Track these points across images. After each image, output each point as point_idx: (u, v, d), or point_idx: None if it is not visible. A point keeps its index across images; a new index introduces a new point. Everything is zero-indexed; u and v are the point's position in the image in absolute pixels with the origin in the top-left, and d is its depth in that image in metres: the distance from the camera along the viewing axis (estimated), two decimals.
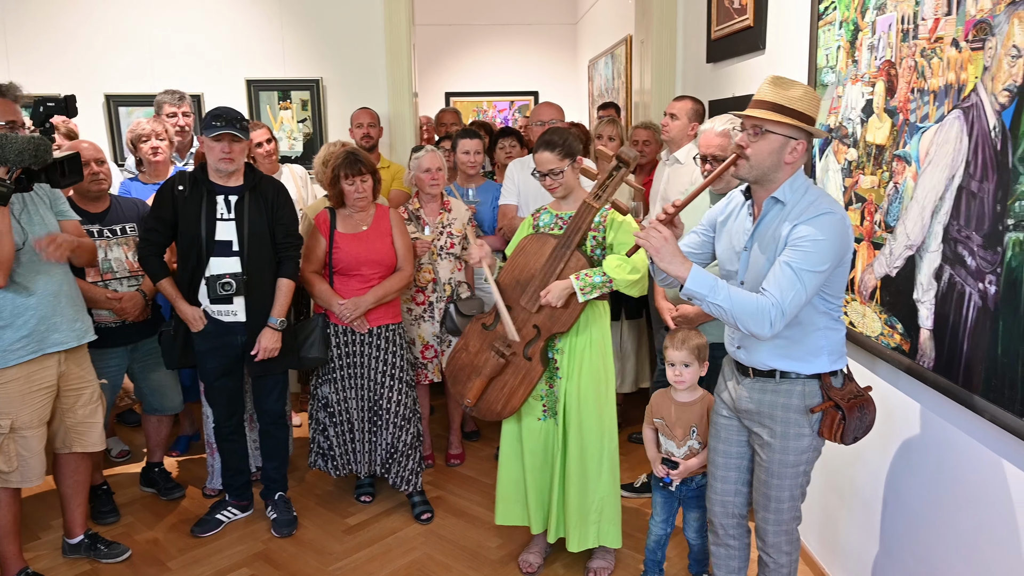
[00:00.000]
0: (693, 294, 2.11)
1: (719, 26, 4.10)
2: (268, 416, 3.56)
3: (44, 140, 2.74)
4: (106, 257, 3.48)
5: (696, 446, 2.78)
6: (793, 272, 2.05)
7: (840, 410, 2.21)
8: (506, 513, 3.19)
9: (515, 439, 3.13)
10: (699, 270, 2.11)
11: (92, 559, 3.31)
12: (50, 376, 2.96)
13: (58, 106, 2.90)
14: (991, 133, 1.91)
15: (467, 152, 4.30)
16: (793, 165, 2.16)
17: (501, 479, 3.18)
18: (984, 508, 2.08)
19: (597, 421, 2.98)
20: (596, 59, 8.44)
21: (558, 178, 2.95)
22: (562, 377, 2.99)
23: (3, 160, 2.65)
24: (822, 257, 2.05)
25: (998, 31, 1.86)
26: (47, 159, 2.74)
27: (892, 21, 2.37)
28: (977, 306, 2.01)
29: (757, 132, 2.13)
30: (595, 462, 3.00)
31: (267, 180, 3.41)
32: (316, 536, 3.52)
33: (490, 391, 3.03)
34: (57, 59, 4.99)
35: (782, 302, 2.05)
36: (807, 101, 2.10)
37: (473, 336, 3.09)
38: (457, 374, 3.12)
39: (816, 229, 2.06)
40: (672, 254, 2.12)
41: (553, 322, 2.91)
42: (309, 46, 5.22)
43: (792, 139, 2.12)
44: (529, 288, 2.93)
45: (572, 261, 2.87)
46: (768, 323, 2.06)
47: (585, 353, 2.97)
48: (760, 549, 2.47)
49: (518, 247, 3.02)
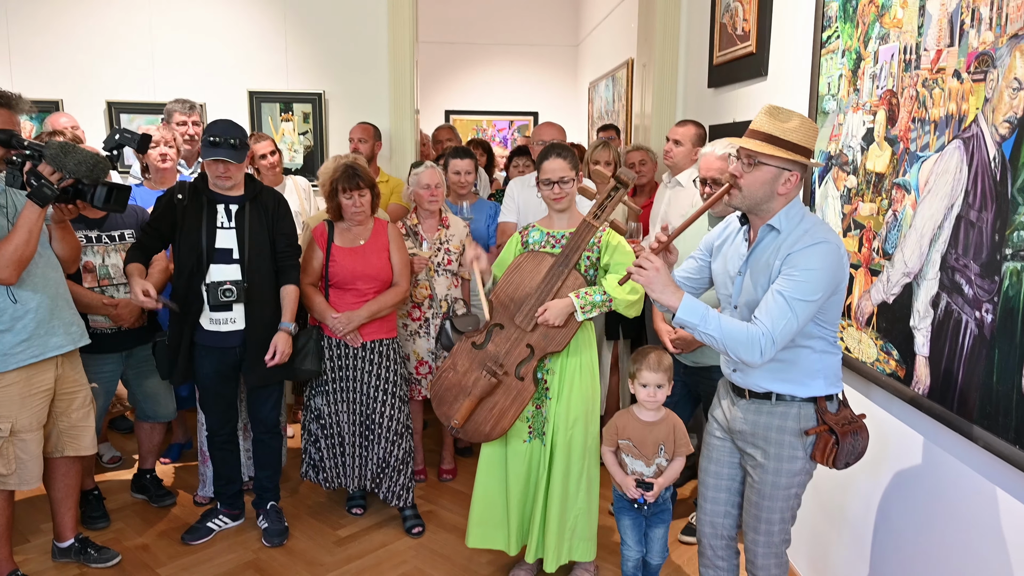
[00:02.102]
0: (684, 323, 2.14)
1: (721, 52, 4.14)
2: (262, 426, 3.55)
3: (104, 160, 2.84)
4: (103, 263, 3.49)
5: (664, 464, 2.80)
6: (785, 301, 2.07)
7: (834, 434, 2.22)
8: (482, 536, 3.16)
9: (498, 463, 3.11)
10: (690, 299, 2.13)
11: (82, 563, 3.30)
12: (48, 379, 2.97)
13: (132, 139, 2.98)
14: (991, 163, 1.94)
15: (458, 172, 4.28)
16: (787, 196, 2.18)
17: (477, 502, 3.14)
18: (975, 535, 2.09)
19: (583, 442, 2.98)
20: (597, 81, 8.50)
21: (567, 187, 2.96)
22: (552, 398, 2.98)
23: (61, 166, 2.74)
24: (815, 287, 2.07)
25: (1000, 63, 1.90)
26: (100, 179, 2.84)
27: (894, 51, 2.41)
28: (973, 334, 2.03)
29: (751, 163, 2.14)
30: (575, 481, 3.00)
31: (267, 191, 3.43)
32: (307, 547, 3.51)
33: (478, 412, 2.98)
34: (59, 64, 5.01)
35: (772, 331, 2.07)
36: (803, 132, 2.10)
37: (462, 355, 3.03)
38: (443, 395, 3.04)
39: (810, 259, 2.08)
40: (664, 285, 2.14)
41: (548, 342, 2.90)
42: (312, 60, 5.25)
43: (786, 170, 2.13)
44: (524, 306, 2.91)
45: (569, 280, 2.87)
46: (759, 352, 2.08)
47: (576, 375, 2.97)
48: (749, 571, 2.47)
49: (513, 264, 3.00)
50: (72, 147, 2.76)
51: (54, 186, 2.74)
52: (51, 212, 2.97)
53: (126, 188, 2.95)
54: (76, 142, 4.00)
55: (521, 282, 2.95)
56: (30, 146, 2.76)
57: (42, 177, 2.73)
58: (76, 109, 4.91)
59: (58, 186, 2.76)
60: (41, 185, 2.72)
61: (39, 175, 2.73)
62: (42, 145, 2.76)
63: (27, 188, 2.74)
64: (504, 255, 3.16)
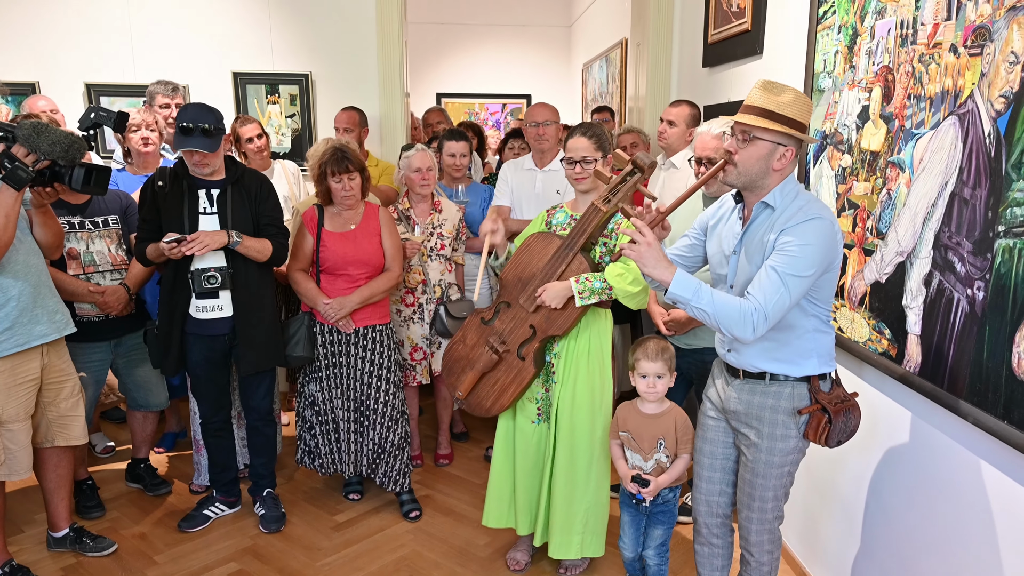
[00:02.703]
0: (677, 298, 2.12)
1: (716, 30, 4.11)
2: (255, 413, 3.54)
3: (79, 140, 2.78)
4: (87, 250, 3.43)
5: (664, 459, 2.71)
6: (779, 277, 2.06)
7: (827, 413, 2.22)
8: (497, 516, 3.17)
9: (508, 440, 3.11)
10: (683, 274, 2.11)
11: (77, 552, 3.29)
12: (34, 369, 2.94)
13: (108, 117, 2.91)
14: (986, 140, 1.92)
15: (452, 155, 4.24)
16: (782, 172, 2.16)
17: (493, 479, 3.16)
18: (963, 509, 2.11)
19: (589, 429, 2.94)
20: (590, 62, 8.45)
21: (589, 167, 2.88)
22: (557, 382, 2.96)
23: (34, 147, 2.68)
24: (808, 262, 2.06)
25: (997, 37, 1.88)
26: (76, 159, 2.78)
27: (891, 26, 2.39)
28: (965, 312, 2.03)
29: (746, 138, 2.12)
30: (584, 470, 2.97)
31: (250, 173, 3.38)
32: (304, 532, 3.51)
33: (481, 386, 3.00)
34: (35, 45, 4.91)
35: (765, 307, 2.05)
36: (798, 107, 2.09)
37: (471, 329, 3.06)
38: (452, 366, 3.10)
39: (804, 234, 2.06)
40: (656, 259, 2.12)
41: (549, 324, 2.87)
42: (298, 39, 5.16)
43: (781, 145, 2.12)
44: (529, 287, 2.89)
45: (574, 263, 2.82)
46: (751, 327, 2.07)
47: (582, 360, 2.93)
48: (743, 548, 2.49)
49: (523, 244, 2.97)
50: (45, 127, 2.70)
51: (29, 168, 2.69)
52: (30, 197, 2.92)
53: (106, 169, 2.89)
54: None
55: (529, 262, 2.93)
56: (2, 127, 2.70)
57: (16, 159, 2.67)
58: (54, 92, 4.81)
59: (33, 168, 2.71)
60: (15, 167, 2.67)
61: (13, 157, 2.67)
62: (14, 126, 2.71)
63: (1, 171, 2.68)
64: (527, 234, 3.07)
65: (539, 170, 4.06)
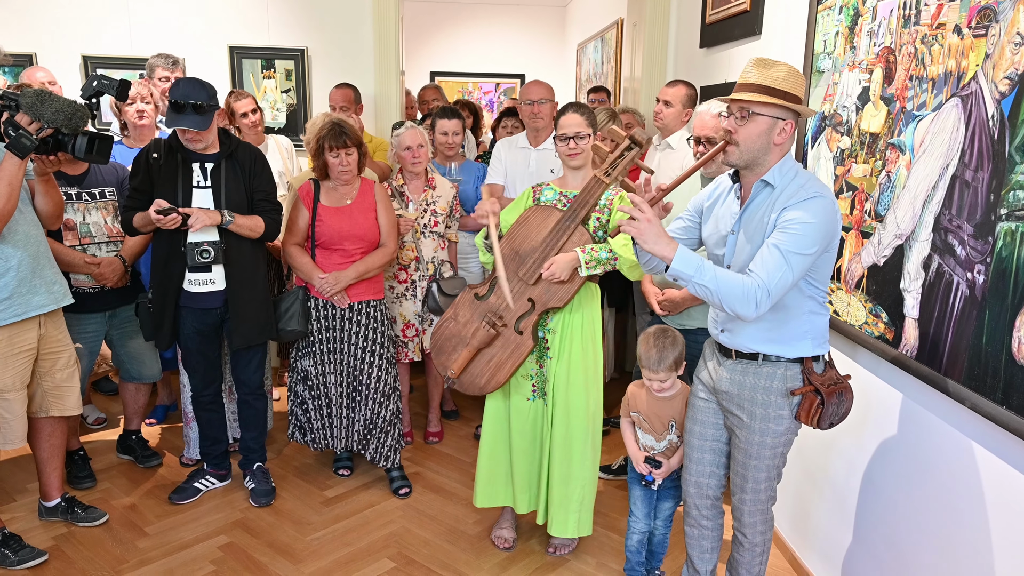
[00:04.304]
0: (679, 275, 2.09)
1: (714, 10, 4.09)
2: (246, 387, 3.53)
3: (83, 108, 2.77)
4: (84, 221, 3.43)
5: (676, 440, 2.74)
6: (781, 254, 2.05)
7: (819, 395, 2.22)
8: (491, 495, 3.15)
9: (502, 419, 3.09)
10: (685, 250, 2.09)
11: (69, 522, 3.29)
12: (31, 339, 2.93)
13: (111, 85, 2.89)
14: (989, 122, 1.91)
15: (446, 133, 4.20)
16: (782, 147, 2.16)
17: (483, 460, 3.13)
18: (957, 494, 2.12)
19: (584, 403, 2.95)
20: (585, 43, 8.40)
21: (583, 143, 2.92)
22: (552, 357, 2.96)
23: (38, 115, 2.67)
24: (811, 240, 2.05)
25: (1003, 17, 1.87)
26: (79, 127, 2.77)
27: (894, 6, 2.37)
28: (964, 295, 2.03)
29: (744, 115, 2.12)
30: (580, 445, 2.97)
31: (244, 147, 3.35)
32: (294, 507, 3.51)
33: (475, 364, 2.97)
34: (33, 16, 4.87)
35: (768, 283, 2.04)
36: (792, 80, 2.09)
37: (464, 306, 3.02)
38: (443, 344, 3.03)
39: (805, 212, 2.06)
40: (657, 235, 2.08)
41: (549, 296, 2.86)
42: (295, 14, 5.13)
43: (780, 120, 2.11)
44: (528, 260, 2.88)
45: (576, 236, 2.83)
46: (754, 304, 2.05)
47: (576, 334, 2.94)
48: (736, 529, 2.50)
49: (521, 218, 2.95)
50: (49, 95, 2.69)
51: (33, 136, 2.68)
52: (34, 166, 2.89)
53: (108, 138, 2.89)
54: None
55: (527, 235, 2.92)
56: (5, 95, 2.69)
57: (20, 127, 2.66)
58: (51, 63, 4.78)
59: (37, 136, 2.70)
60: (19, 135, 2.65)
61: (17, 125, 2.66)
62: (17, 94, 2.69)
63: (5, 139, 2.67)
64: (513, 210, 3.07)
65: (533, 148, 4.04)
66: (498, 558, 3.16)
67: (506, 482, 3.14)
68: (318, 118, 3.48)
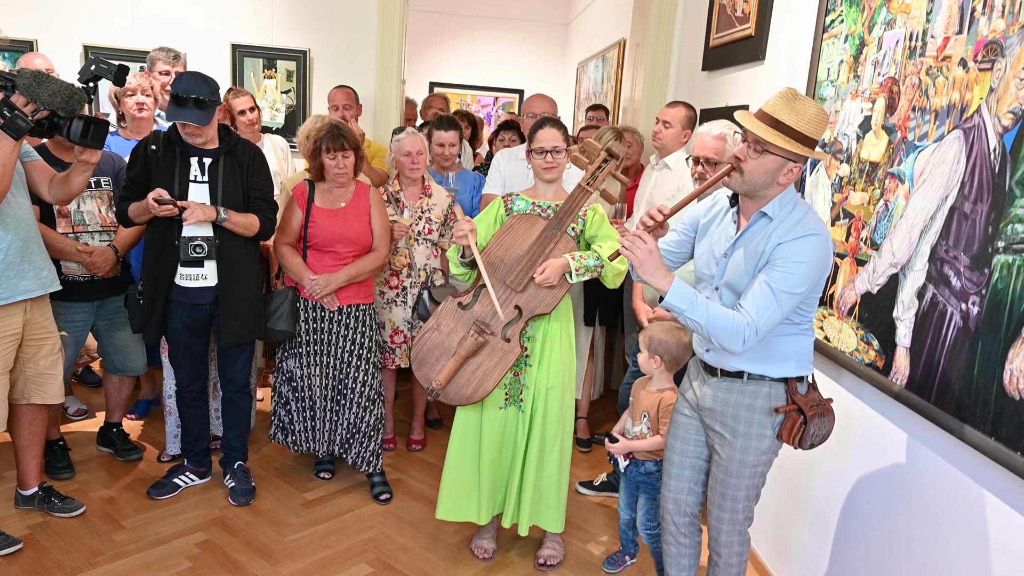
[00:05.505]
0: (672, 308, 2.13)
1: (719, 33, 4.12)
2: (232, 385, 3.51)
3: (80, 92, 2.75)
4: (78, 209, 3.42)
5: (645, 431, 2.90)
6: (772, 293, 2.07)
7: (803, 415, 2.24)
8: (452, 508, 3.11)
9: (472, 431, 3.06)
10: (680, 284, 2.11)
11: (45, 512, 3.25)
12: (16, 324, 2.90)
13: (109, 70, 2.88)
14: (991, 155, 1.93)
15: (442, 145, 4.22)
16: (785, 185, 2.16)
17: (450, 473, 3.08)
18: (942, 522, 2.12)
19: (558, 409, 3.01)
20: (586, 61, 8.44)
21: (559, 157, 3.00)
22: (532, 365, 2.98)
23: (34, 97, 2.65)
24: (802, 280, 2.08)
25: (1009, 52, 1.89)
26: (75, 111, 2.75)
27: (900, 37, 2.40)
28: (958, 326, 2.04)
29: (759, 150, 2.09)
30: (550, 446, 3.02)
31: (243, 144, 3.34)
32: (273, 508, 3.47)
33: (461, 374, 2.94)
34: (39, 4, 4.86)
35: (757, 321, 2.08)
36: (817, 123, 2.04)
37: (447, 316, 2.99)
38: (425, 356, 2.97)
39: (800, 251, 2.07)
40: (656, 267, 2.12)
41: (537, 303, 2.88)
42: (299, 15, 5.13)
43: (791, 161, 2.10)
44: (515, 267, 2.90)
45: (562, 243, 2.88)
46: (742, 340, 2.09)
47: (556, 342, 2.98)
48: (712, 548, 2.50)
49: (505, 226, 2.97)
50: (46, 77, 2.67)
51: (28, 117, 2.65)
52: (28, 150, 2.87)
53: (104, 123, 2.86)
54: None
55: (513, 243, 2.93)
56: (2, 76, 2.66)
57: (15, 108, 2.64)
58: (51, 51, 4.75)
59: (32, 118, 2.67)
60: (14, 116, 2.63)
61: (12, 106, 2.64)
62: (14, 75, 2.66)
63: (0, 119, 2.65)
64: (483, 221, 3.07)
65: None
66: (476, 568, 3.14)
67: (470, 496, 3.09)
68: (310, 121, 3.48)
